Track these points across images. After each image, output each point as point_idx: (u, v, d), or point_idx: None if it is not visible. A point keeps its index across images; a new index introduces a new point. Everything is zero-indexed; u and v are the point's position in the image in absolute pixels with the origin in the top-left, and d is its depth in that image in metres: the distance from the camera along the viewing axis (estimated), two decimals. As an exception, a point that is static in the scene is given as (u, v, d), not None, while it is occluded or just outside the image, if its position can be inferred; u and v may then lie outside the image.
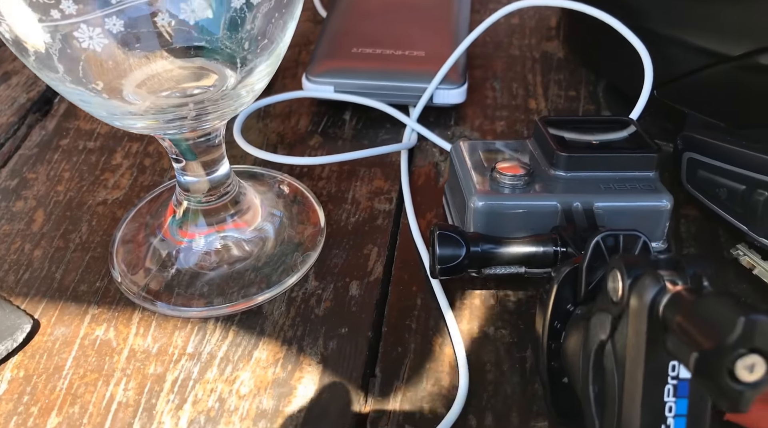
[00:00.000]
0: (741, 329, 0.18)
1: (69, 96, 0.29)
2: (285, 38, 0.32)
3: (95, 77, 0.28)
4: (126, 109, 0.29)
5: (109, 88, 0.29)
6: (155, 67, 0.30)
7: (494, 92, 0.47)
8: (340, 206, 0.39)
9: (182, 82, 0.31)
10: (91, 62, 0.27)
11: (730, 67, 0.33)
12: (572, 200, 0.31)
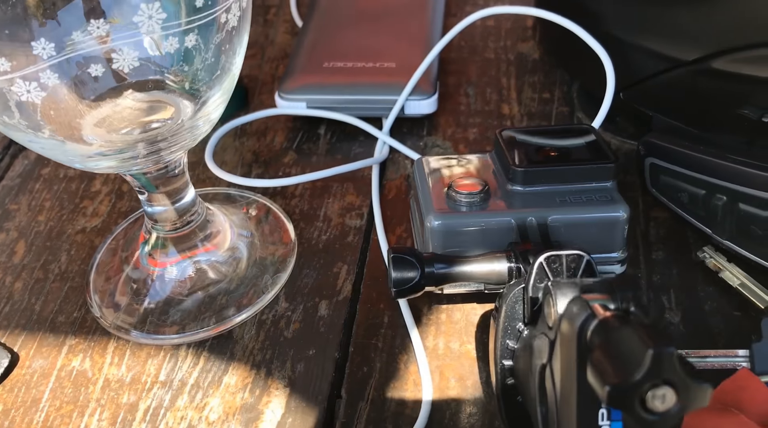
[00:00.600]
0: (649, 362, 0.18)
1: (26, 144, 0.30)
2: (236, 65, 0.32)
3: (47, 123, 0.28)
4: (82, 151, 0.30)
5: (66, 132, 0.29)
6: (113, 104, 0.31)
7: (468, 98, 0.47)
8: (312, 224, 0.39)
9: (141, 116, 0.32)
10: (42, 108, 0.28)
11: (686, 72, 0.33)
12: (527, 215, 0.31)
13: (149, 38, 0.29)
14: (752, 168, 0.31)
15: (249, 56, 0.53)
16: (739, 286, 0.34)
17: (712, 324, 0.33)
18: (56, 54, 0.25)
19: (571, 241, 0.31)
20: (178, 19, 0.27)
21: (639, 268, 0.36)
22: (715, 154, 0.32)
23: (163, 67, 0.30)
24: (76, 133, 0.30)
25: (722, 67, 0.32)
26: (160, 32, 0.28)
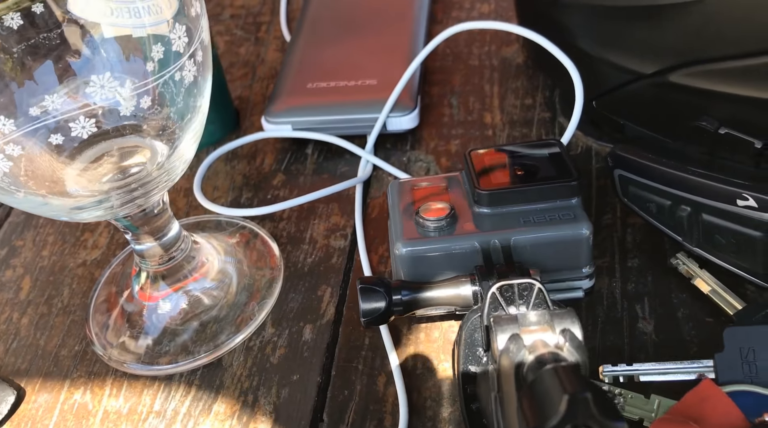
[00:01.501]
0: (565, 408, 0.19)
1: (9, 204, 0.31)
2: (204, 105, 0.34)
3: (23, 185, 0.30)
4: (66, 205, 0.31)
5: (50, 188, 0.31)
6: (90, 154, 0.33)
7: (451, 109, 0.48)
8: (298, 247, 0.41)
9: (119, 162, 0.33)
10: (15, 172, 0.29)
11: (647, 84, 0.34)
12: (490, 238, 0.32)
13: (124, 90, 0.31)
14: (712, 180, 0.31)
15: (240, 76, 0.54)
16: (710, 293, 0.34)
17: (685, 331, 0.34)
18: (16, 129, 0.27)
19: (537, 260, 0.32)
20: (134, 83, 0.29)
21: (614, 277, 0.37)
22: (677, 167, 0.33)
23: (138, 113, 0.32)
24: (59, 188, 0.32)
25: (679, 80, 0.32)
26: (122, 94, 0.30)
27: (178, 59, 0.30)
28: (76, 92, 0.30)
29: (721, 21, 0.29)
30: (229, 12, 0.62)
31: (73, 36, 0.29)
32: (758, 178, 0.31)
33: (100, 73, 0.29)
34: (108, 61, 0.30)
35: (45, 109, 0.27)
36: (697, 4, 0.29)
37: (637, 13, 0.32)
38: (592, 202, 0.40)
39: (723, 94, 0.30)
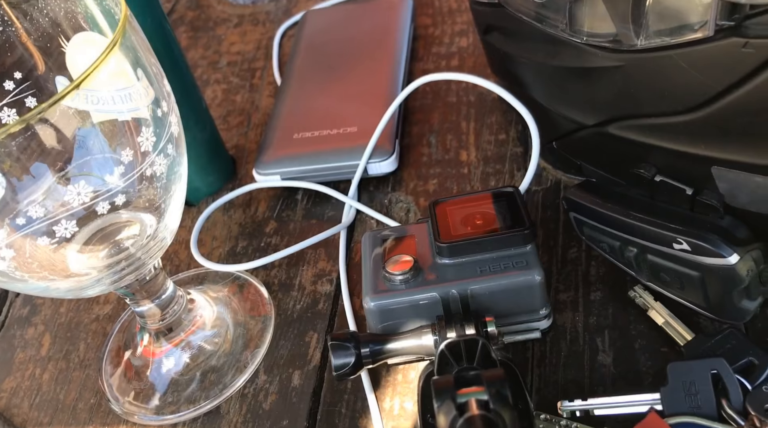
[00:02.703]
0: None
1: (20, 291, 0.35)
2: (183, 178, 0.37)
3: (29, 269, 0.34)
4: (67, 287, 0.35)
5: (53, 271, 0.35)
6: (88, 230, 0.36)
7: (429, 148, 0.51)
8: (288, 294, 0.44)
9: (112, 237, 0.37)
10: (21, 261, 0.33)
11: (591, 133, 0.36)
12: (450, 288, 0.35)
13: (114, 174, 0.34)
14: (651, 225, 0.34)
15: (236, 124, 0.58)
16: (663, 325, 0.36)
17: (641, 362, 0.36)
18: (6, 237, 0.30)
19: (494, 307, 0.35)
20: (108, 184, 0.32)
21: (578, 311, 0.39)
22: (620, 212, 0.35)
23: (126, 190, 0.35)
24: (62, 269, 0.35)
25: (616, 132, 0.34)
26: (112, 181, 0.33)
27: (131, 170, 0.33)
28: (61, 192, 0.33)
29: (638, 84, 0.31)
30: (226, 59, 0.65)
31: (50, 138, 0.33)
32: (693, 222, 0.33)
33: (86, 168, 0.33)
34: (91, 154, 0.34)
35: (30, 218, 0.31)
36: (618, 69, 0.31)
37: (573, 73, 0.34)
38: (559, 236, 0.43)
39: (654, 145, 0.33)
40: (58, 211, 0.31)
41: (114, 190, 0.34)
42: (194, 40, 0.68)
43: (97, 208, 0.32)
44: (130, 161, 0.34)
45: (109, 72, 0.33)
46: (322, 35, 0.60)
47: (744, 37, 0.26)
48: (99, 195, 0.34)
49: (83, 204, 0.31)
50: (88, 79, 0.30)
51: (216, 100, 0.61)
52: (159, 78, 0.35)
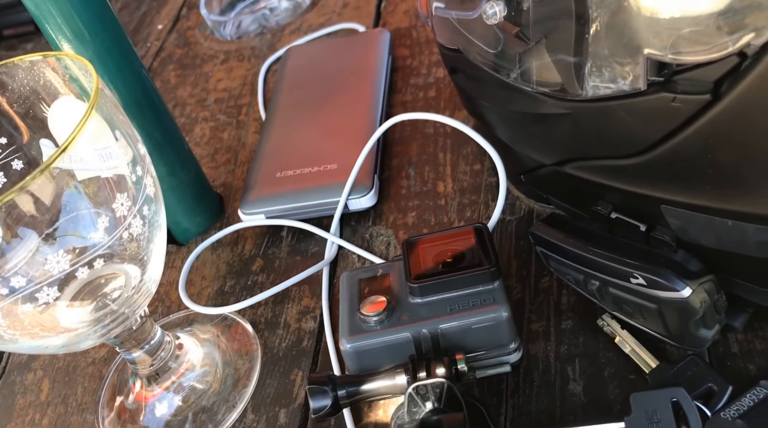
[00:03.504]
0: None
1: (15, 351, 0.37)
2: (162, 227, 0.39)
3: (20, 330, 0.35)
4: (59, 343, 0.37)
5: (45, 329, 0.36)
6: (75, 285, 0.38)
7: (408, 181, 0.52)
8: (274, 332, 0.46)
9: (98, 291, 0.39)
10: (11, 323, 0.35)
11: (551, 171, 0.38)
12: (421, 328, 0.36)
13: (99, 231, 0.36)
14: (608, 260, 0.35)
15: (224, 162, 0.60)
16: (630, 353, 0.38)
17: (610, 389, 0.38)
18: None
19: (464, 344, 0.36)
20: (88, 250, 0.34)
21: (550, 340, 0.40)
22: (581, 247, 0.36)
23: (112, 245, 0.37)
24: (53, 326, 0.37)
25: (572, 171, 0.36)
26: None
27: (113, 230, 0.34)
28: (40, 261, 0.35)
29: (586, 129, 0.32)
30: (213, 96, 0.67)
31: (35, 199, 0.35)
32: (648, 256, 0.34)
33: (71, 228, 0.35)
34: (77, 211, 0.36)
35: (12, 288, 0.32)
36: (567, 115, 0.33)
37: (529, 117, 0.36)
38: (531, 265, 0.44)
39: (607, 185, 0.34)
40: (40, 278, 0.33)
41: (99, 245, 0.36)
42: (183, 78, 0.70)
43: (77, 273, 0.33)
44: (112, 217, 0.36)
45: (89, 133, 0.34)
46: (303, 71, 0.61)
47: (672, 92, 0.27)
48: (82, 254, 0.35)
49: (62, 271, 0.32)
50: (73, 142, 0.32)
51: (204, 138, 0.63)
52: (134, 141, 0.36)
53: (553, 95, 0.33)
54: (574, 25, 0.29)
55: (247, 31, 0.73)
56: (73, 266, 0.33)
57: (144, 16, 0.82)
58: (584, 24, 0.29)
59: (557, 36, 0.30)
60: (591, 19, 0.29)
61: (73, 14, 0.43)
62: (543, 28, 0.31)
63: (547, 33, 0.31)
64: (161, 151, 0.50)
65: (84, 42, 0.44)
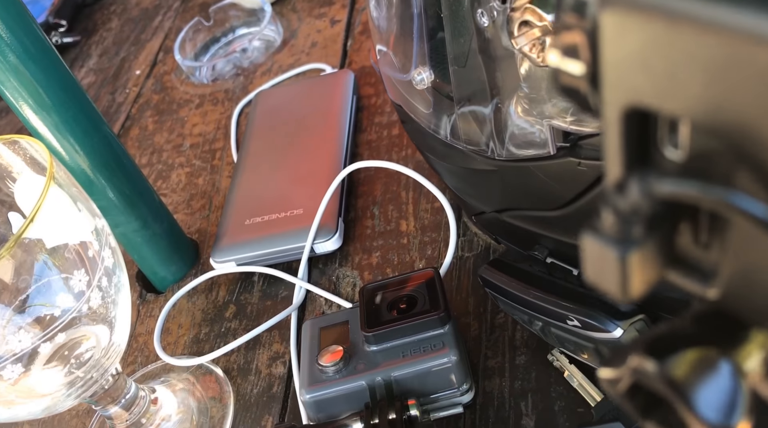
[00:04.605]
0: None
1: None
2: (125, 286, 0.41)
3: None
4: (41, 407, 0.39)
5: (21, 396, 0.38)
6: (47, 351, 0.40)
7: (373, 221, 0.54)
8: (246, 378, 0.48)
9: (72, 352, 0.41)
10: None
11: (493, 216, 0.39)
12: (375, 375, 0.38)
13: (67, 296, 0.38)
14: (546, 303, 0.37)
15: (199, 208, 0.62)
16: (577, 387, 0.40)
17: (560, 423, 0.39)
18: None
19: (417, 388, 0.38)
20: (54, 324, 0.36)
21: (504, 376, 0.42)
22: (523, 290, 0.38)
23: (82, 307, 0.39)
24: (29, 393, 0.39)
25: (508, 219, 0.37)
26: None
27: (81, 297, 0.37)
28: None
29: (512, 185, 0.34)
30: (189, 141, 0.69)
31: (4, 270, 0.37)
32: (583, 298, 0.36)
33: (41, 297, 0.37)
34: (49, 276, 0.38)
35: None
36: (495, 171, 0.35)
37: (464, 171, 0.37)
38: (488, 302, 0.46)
39: (539, 233, 0.36)
40: (5, 356, 0.35)
41: (68, 311, 0.38)
42: (160, 124, 0.72)
43: (40, 348, 0.35)
44: (78, 284, 0.38)
45: (54, 205, 0.37)
46: (271, 116, 0.63)
47: (578, 157, 0.29)
48: (52, 323, 0.37)
49: (23, 350, 0.34)
50: (38, 212, 0.34)
51: (180, 184, 0.65)
52: (93, 214, 0.38)
53: (480, 153, 0.34)
54: (489, 94, 0.31)
55: (222, 72, 0.75)
56: (36, 342, 0.35)
57: (123, 62, 0.84)
58: (497, 94, 0.30)
59: (477, 102, 0.32)
60: (504, 89, 0.30)
61: (36, 86, 0.45)
62: (465, 94, 0.33)
63: (470, 98, 0.33)
64: (133, 207, 0.52)
65: (48, 111, 0.46)
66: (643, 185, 0.15)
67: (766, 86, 0.13)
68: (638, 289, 0.15)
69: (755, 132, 0.13)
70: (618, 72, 0.15)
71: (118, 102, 0.78)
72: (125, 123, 0.74)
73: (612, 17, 0.14)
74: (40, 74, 0.45)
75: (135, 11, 0.91)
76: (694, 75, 0.13)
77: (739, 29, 0.12)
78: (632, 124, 0.15)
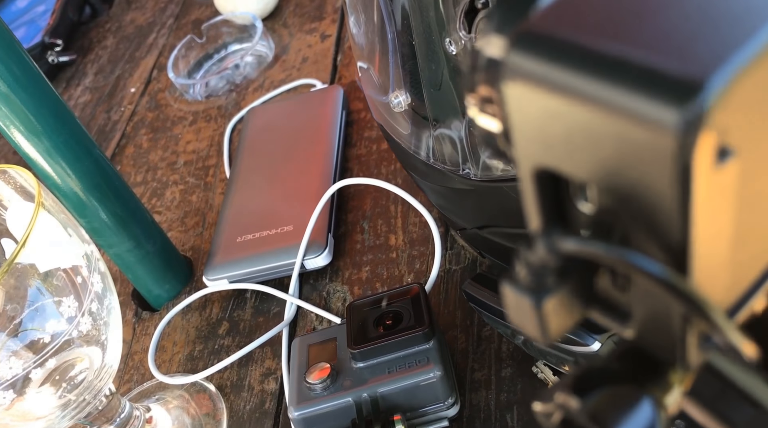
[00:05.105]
0: None
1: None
2: (115, 310, 0.41)
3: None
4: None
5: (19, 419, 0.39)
6: (41, 374, 0.41)
7: (362, 235, 0.55)
8: (239, 395, 0.48)
9: (66, 374, 0.42)
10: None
11: (474, 233, 0.40)
12: (362, 392, 0.39)
13: (60, 319, 0.39)
14: (527, 317, 0.37)
15: (193, 225, 0.62)
16: (561, 398, 0.40)
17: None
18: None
19: (402, 404, 0.39)
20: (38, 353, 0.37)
21: (491, 389, 0.43)
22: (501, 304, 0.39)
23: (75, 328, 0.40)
24: (22, 416, 0.40)
25: (488, 236, 0.38)
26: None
27: (72, 321, 0.37)
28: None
29: (488, 203, 0.35)
30: (183, 159, 0.70)
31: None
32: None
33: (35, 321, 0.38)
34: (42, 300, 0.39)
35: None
36: (472, 190, 0.35)
37: (444, 189, 0.38)
38: (474, 315, 0.46)
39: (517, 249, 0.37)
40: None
41: (60, 334, 0.39)
42: (154, 142, 0.73)
43: (32, 374, 0.36)
44: (71, 308, 0.39)
45: (44, 231, 0.37)
46: (262, 133, 0.64)
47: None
48: (44, 348, 0.38)
49: (15, 376, 0.35)
50: (28, 238, 0.35)
51: (174, 201, 0.66)
52: (82, 240, 0.39)
53: (456, 174, 0.35)
54: (462, 118, 0.32)
55: (216, 89, 0.76)
56: (28, 367, 0.36)
57: (118, 80, 0.85)
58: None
59: (451, 124, 0.33)
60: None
61: (26, 113, 0.46)
62: (440, 116, 0.34)
63: (445, 120, 0.34)
64: (126, 227, 0.53)
65: (39, 136, 0.47)
66: (548, 243, 0.16)
67: (645, 159, 0.14)
68: (557, 332, 0.16)
69: (642, 196, 0.14)
70: (524, 136, 0.16)
71: (113, 120, 0.79)
72: (120, 141, 0.75)
73: (512, 88, 0.15)
74: (30, 101, 0.46)
75: (130, 29, 0.93)
76: (585, 144, 0.14)
77: (615, 105, 0.14)
78: (544, 181, 0.16)
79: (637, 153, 0.14)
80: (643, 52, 0.14)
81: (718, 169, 0.14)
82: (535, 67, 0.15)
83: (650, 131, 0.13)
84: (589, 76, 0.14)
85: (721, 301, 0.17)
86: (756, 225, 0.16)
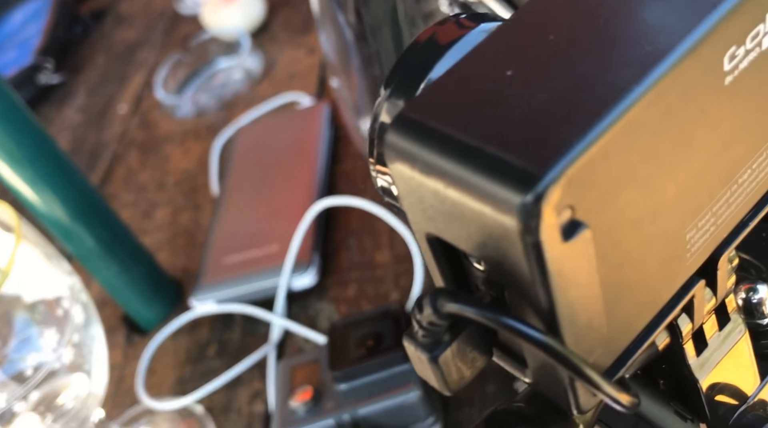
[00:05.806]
0: None
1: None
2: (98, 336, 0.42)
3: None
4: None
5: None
6: (30, 404, 0.41)
7: (349, 252, 0.55)
8: (228, 417, 0.49)
9: (51, 404, 0.42)
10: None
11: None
12: (342, 414, 0.39)
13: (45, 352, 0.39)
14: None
15: (182, 247, 0.63)
16: (544, 415, 0.40)
17: (529, 452, 0.40)
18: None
19: (384, 424, 0.39)
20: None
21: (474, 406, 0.43)
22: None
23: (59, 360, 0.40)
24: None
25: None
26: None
27: (55, 352, 0.38)
28: None
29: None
30: (172, 178, 0.70)
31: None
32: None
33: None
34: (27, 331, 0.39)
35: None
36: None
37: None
38: (459, 332, 0.46)
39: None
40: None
41: (44, 365, 0.39)
42: (144, 163, 0.74)
43: (14, 406, 0.36)
44: (50, 340, 0.39)
45: (26, 263, 0.38)
46: (249, 152, 0.65)
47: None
48: (28, 378, 0.39)
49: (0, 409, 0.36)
50: (12, 268, 0.35)
51: (165, 222, 0.66)
52: (64, 272, 0.40)
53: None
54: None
55: (204, 107, 0.77)
56: (12, 401, 0.36)
57: (109, 99, 0.86)
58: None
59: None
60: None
61: (9, 144, 0.46)
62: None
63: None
64: (112, 252, 0.53)
65: (23, 166, 0.47)
66: (434, 305, 0.17)
67: (503, 237, 0.15)
68: (458, 382, 0.17)
69: (509, 267, 0.16)
70: (410, 206, 0.17)
71: (105, 141, 0.79)
72: (112, 162, 0.76)
73: (393, 164, 0.17)
74: (13, 132, 0.47)
75: (120, 47, 0.93)
76: (456, 220, 0.16)
77: (474, 189, 0.15)
78: (437, 246, 0.17)
79: (495, 231, 0.15)
80: (496, 140, 0.15)
81: (570, 242, 0.15)
82: (408, 147, 0.16)
83: (501, 213, 0.15)
84: (451, 160, 0.15)
85: (603, 355, 0.18)
86: (632, 282, 0.17)
